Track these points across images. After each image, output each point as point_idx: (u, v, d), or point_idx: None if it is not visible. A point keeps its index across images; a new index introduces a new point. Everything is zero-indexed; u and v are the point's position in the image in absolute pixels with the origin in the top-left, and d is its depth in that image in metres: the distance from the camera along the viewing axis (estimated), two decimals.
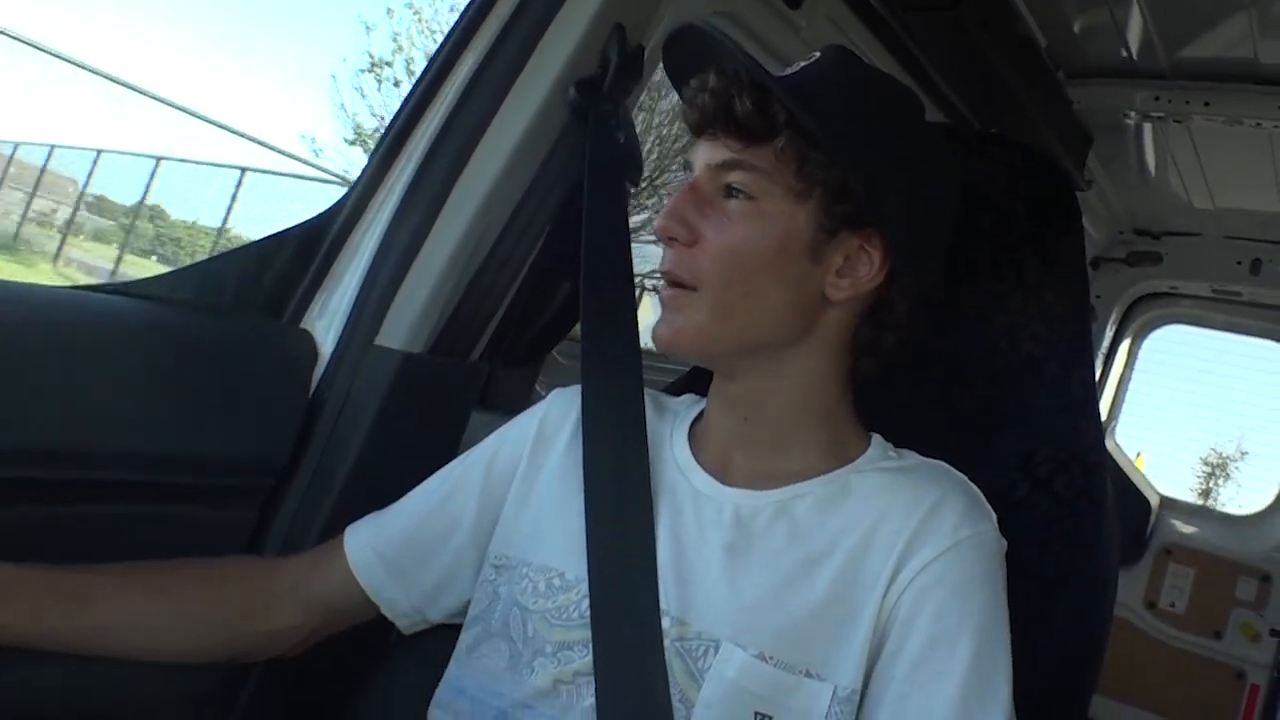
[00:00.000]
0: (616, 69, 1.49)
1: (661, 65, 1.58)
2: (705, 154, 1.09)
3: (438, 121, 1.47)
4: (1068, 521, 1.23)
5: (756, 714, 0.99)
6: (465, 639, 1.17)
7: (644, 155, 1.60)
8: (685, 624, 1.04)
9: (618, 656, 1.04)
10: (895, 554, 1.02)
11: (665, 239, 1.08)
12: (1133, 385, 3.87)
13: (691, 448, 1.17)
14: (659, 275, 1.10)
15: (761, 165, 1.06)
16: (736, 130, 1.06)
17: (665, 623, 1.05)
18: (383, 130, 1.50)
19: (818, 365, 1.12)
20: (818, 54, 1.13)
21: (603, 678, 1.04)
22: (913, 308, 1.14)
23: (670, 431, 1.20)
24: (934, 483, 1.08)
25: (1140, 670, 3.48)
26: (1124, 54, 2.45)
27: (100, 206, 17.28)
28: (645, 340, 1.27)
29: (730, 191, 1.07)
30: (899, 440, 1.17)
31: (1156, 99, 2.55)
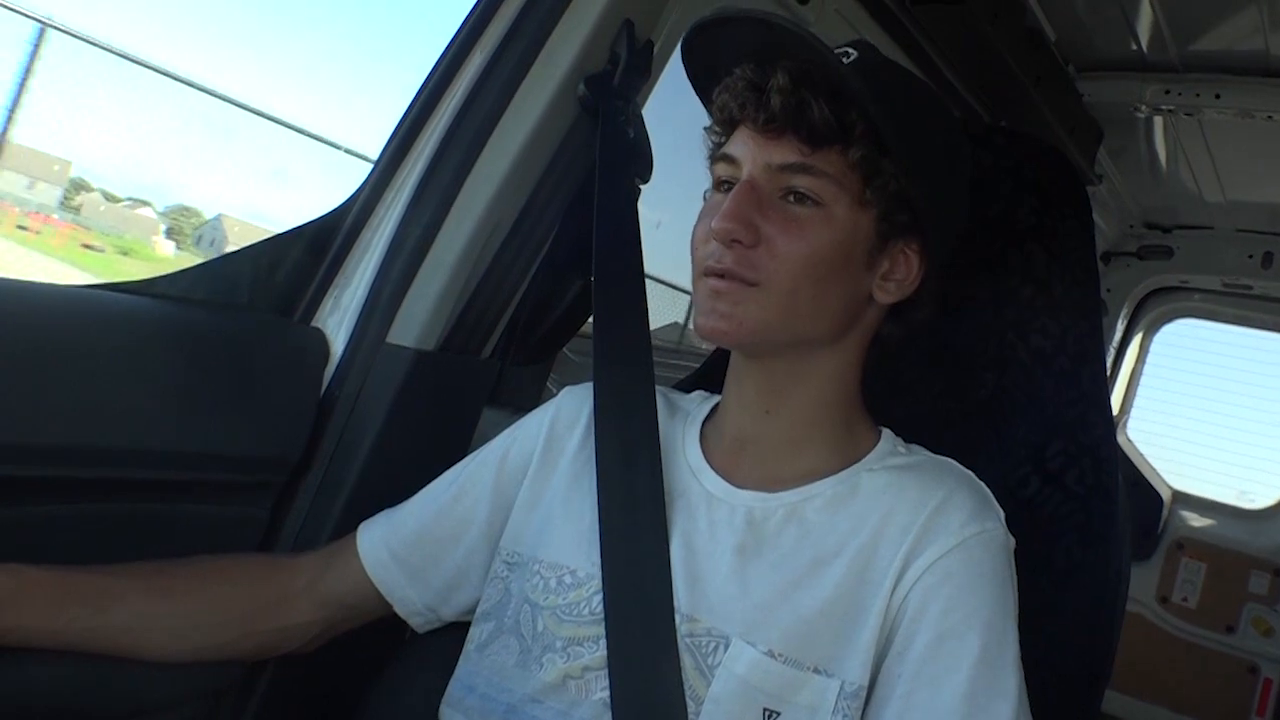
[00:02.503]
0: (626, 65, 1.49)
1: (662, 63, 1.59)
2: (762, 152, 1.06)
3: (447, 118, 1.47)
4: (1079, 516, 1.23)
5: (765, 710, 1.00)
6: (475, 635, 1.17)
7: None
8: (696, 620, 1.04)
9: (631, 652, 1.04)
10: (903, 551, 1.02)
11: (728, 241, 1.04)
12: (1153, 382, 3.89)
13: (703, 448, 1.17)
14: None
15: (831, 171, 1.04)
16: (808, 134, 1.04)
17: (676, 619, 1.05)
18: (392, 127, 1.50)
19: (844, 360, 1.13)
20: (854, 52, 1.08)
21: (616, 673, 1.04)
22: (935, 306, 1.15)
23: (682, 432, 1.20)
24: (941, 480, 1.08)
25: (1153, 665, 3.48)
26: (1134, 47, 2.45)
27: None
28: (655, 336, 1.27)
29: (794, 194, 1.05)
30: (909, 433, 1.17)
31: (1167, 92, 2.55)
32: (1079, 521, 1.23)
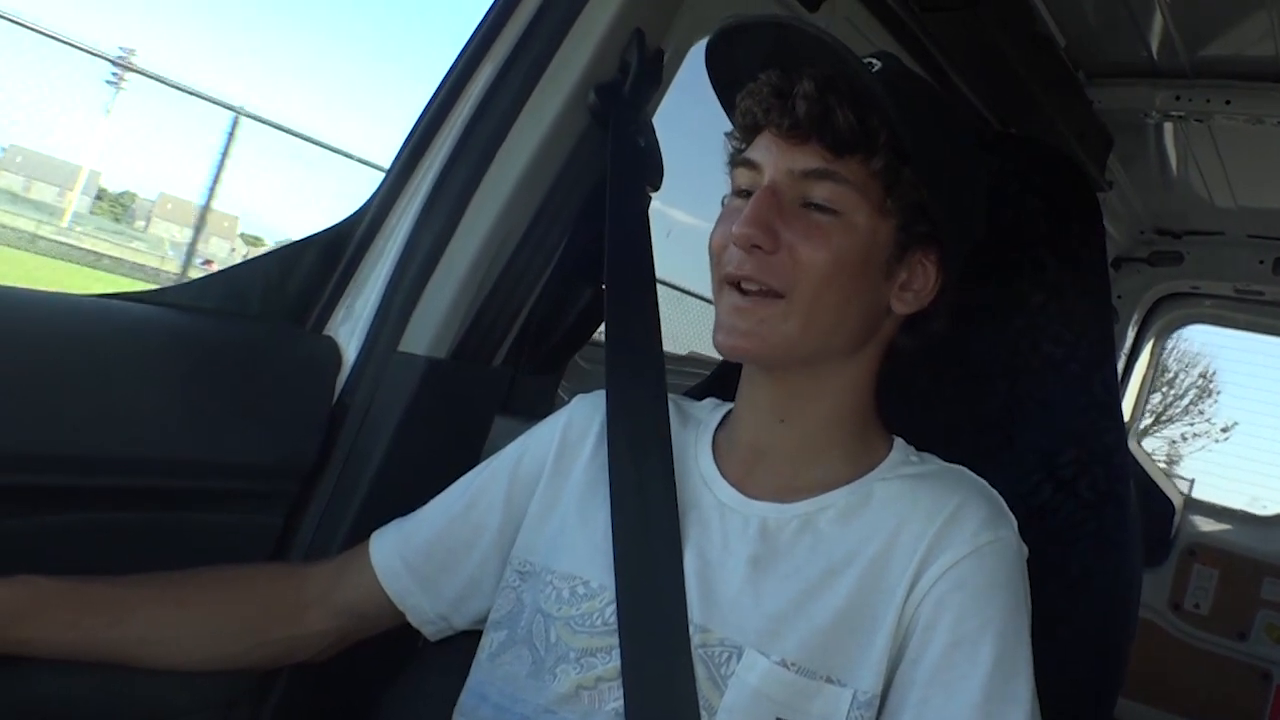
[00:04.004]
0: (636, 73, 1.49)
1: (672, 71, 1.59)
2: (785, 158, 1.06)
3: (459, 127, 1.47)
4: (1092, 523, 1.23)
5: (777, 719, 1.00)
6: (487, 644, 1.17)
7: None
8: (709, 631, 1.04)
9: (645, 663, 1.04)
10: (916, 560, 1.02)
11: (748, 246, 1.04)
12: None
13: (715, 457, 1.17)
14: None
15: (853, 179, 1.04)
16: (832, 140, 1.03)
17: (689, 630, 1.05)
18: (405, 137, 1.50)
19: (860, 371, 1.13)
20: (878, 62, 1.08)
21: (630, 684, 1.04)
22: (950, 317, 1.15)
23: (694, 440, 1.19)
24: (954, 489, 1.07)
25: (1165, 672, 3.46)
26: (1144, 53, 2.45)
27: None
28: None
29: (816, 201, 1.05)
30: (922, 441, 1.17)
31: (1177, 98, 2.55)
32: (1092, 529, 1.22)
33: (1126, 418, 3.70)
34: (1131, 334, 3.73)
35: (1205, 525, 3.67)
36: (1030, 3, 2.21)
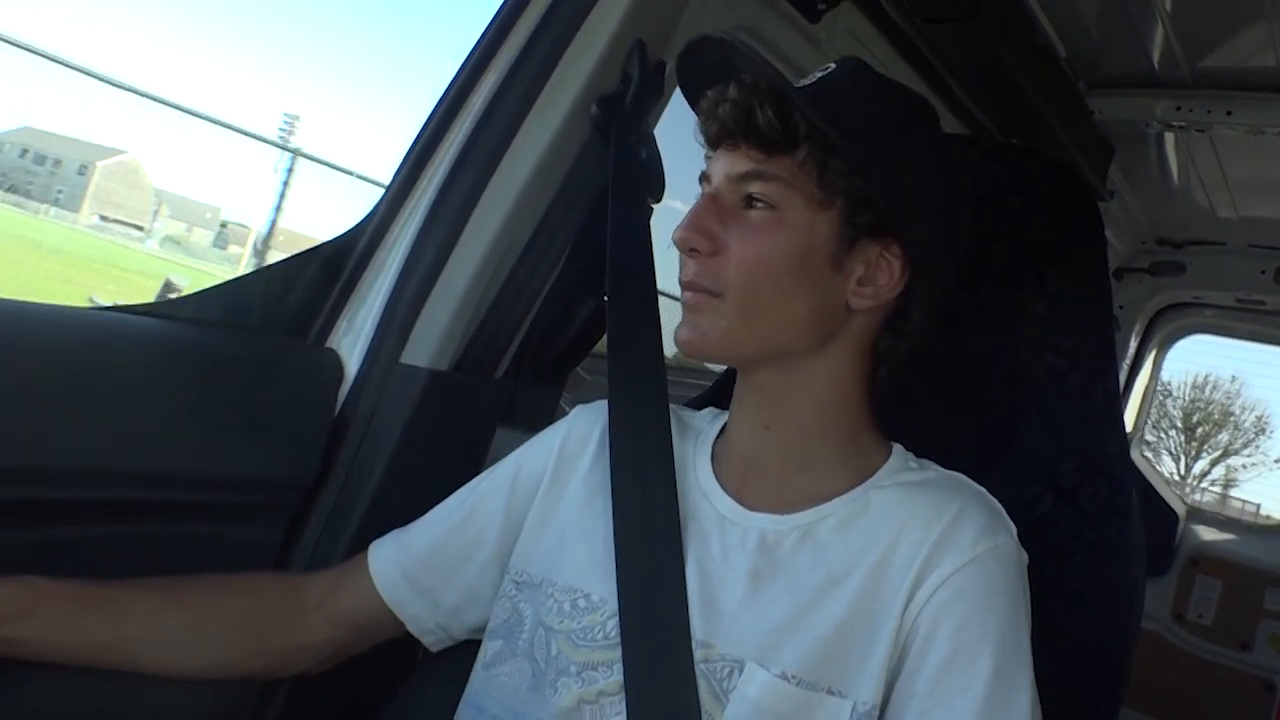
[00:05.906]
0: (638, 85, 1.49)
1: (674, 82, 1.59)
2: (724, 165, 1.08)
3: (461, 139, 1.47)
4: (1093, 534, 1.22)
5: None
6: (485, 653, 1.17)
7: None
8: (710, 645, 1.04)
9: (648, 679, 1.04)
10: (915, 568, 1.02)
11: (687, 250, 1.07)
12: None
13: (713, 468, 1.17)
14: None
15: (783, 175, 1.05)
16: (758, 141, 1.06)
17: (692, 644, 1.05)
18: (407, 148, 1.50)
19: (839, 372, 1.12)
20: (833, 65, 1.12)
21: (633, 699, 1.04)
22: (928, 316, 1.14)
23: (693, 452, 1.19)
24: (953, 496, 1.07)
25: (1168, 682, 3.45)
26: (1145, 64, 2.45)
27: None
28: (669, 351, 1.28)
29: (751, 202, 1.07)
30: (922, 449, 1.17)
31: (1178, 109, 2.55)
32: (1093, 539, 1.22)
33: (1129, 428, 3.70)
34: (1133, 344, 3.73)
35: (1207, 535, 3.66)
36: (1031, 14, 2.21)
